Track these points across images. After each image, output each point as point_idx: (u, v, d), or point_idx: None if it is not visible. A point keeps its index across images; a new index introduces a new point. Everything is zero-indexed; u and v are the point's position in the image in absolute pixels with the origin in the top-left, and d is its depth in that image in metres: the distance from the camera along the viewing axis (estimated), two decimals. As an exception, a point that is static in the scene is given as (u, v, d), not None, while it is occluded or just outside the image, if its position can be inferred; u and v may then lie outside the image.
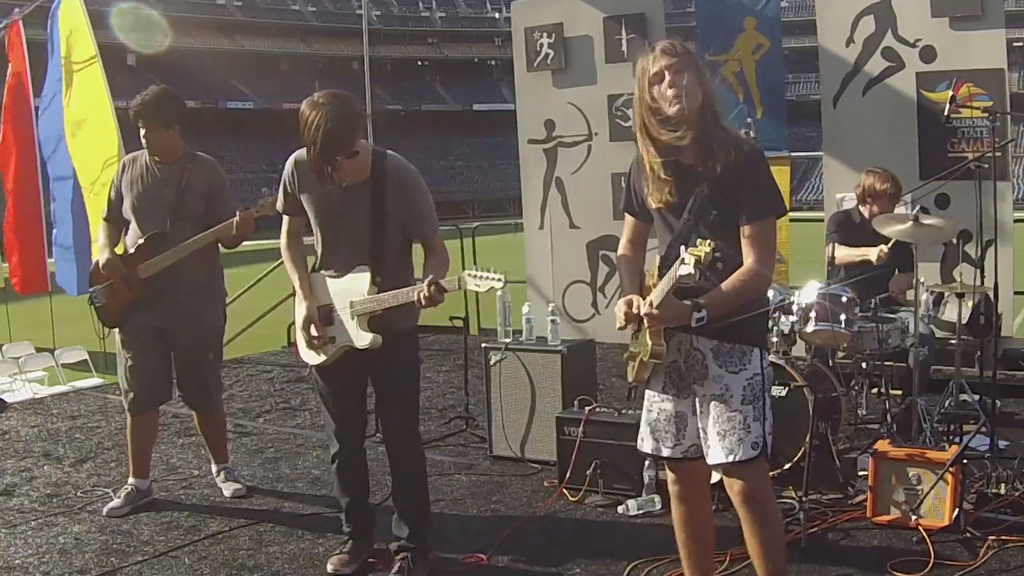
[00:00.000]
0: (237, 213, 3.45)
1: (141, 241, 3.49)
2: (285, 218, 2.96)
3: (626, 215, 2.43)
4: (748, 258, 2.16)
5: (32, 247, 6.95)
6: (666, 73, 2.12)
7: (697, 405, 2.28)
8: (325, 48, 50.33)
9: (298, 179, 2.82)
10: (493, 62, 53.99)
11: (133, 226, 3.55)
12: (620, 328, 2.28)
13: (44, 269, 7.14)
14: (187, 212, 3.49)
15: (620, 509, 3.41)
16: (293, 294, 2.97)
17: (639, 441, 2.41)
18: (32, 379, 6.41)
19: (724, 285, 2.14)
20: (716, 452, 2.22)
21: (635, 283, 2.36)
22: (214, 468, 3.88)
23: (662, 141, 2.15)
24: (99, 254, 3.60)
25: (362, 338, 2.79)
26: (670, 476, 2.40)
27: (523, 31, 6.82)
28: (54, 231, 6.75)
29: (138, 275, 3.49)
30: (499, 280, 2.57)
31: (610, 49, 6.49)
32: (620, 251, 2.45)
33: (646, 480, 3.47)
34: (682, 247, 2.06)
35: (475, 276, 2.60)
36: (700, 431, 2.27)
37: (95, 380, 6.46)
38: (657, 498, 3.42)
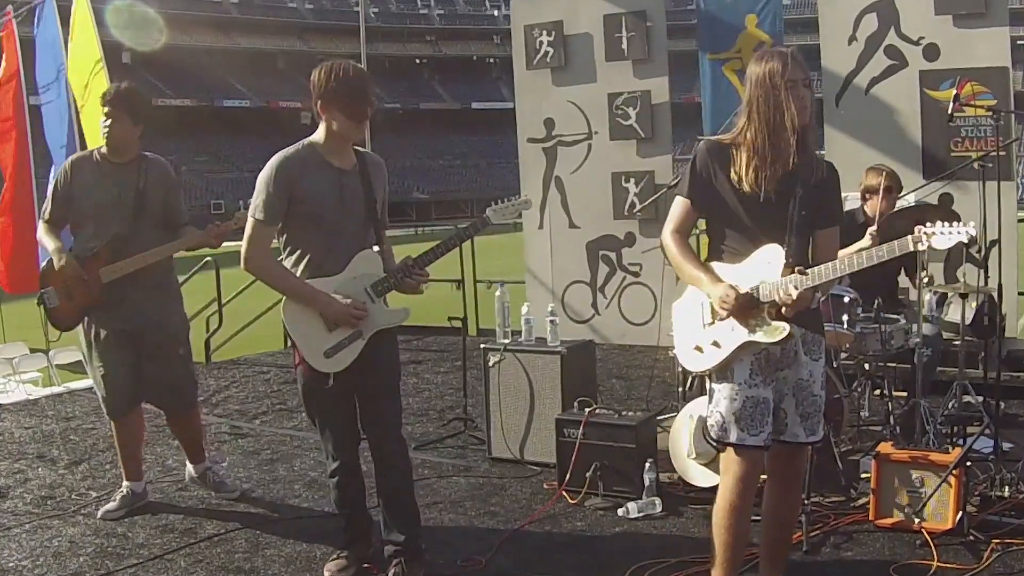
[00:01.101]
0: (214, 225, 3.50)
1: (101, 244, 3.40)
2: (262, 233, 2.71)
3: (682, 201, 2.44)
4: (830, 257, 2.38)
5: (25, 247, 6.92)
6: (801, 84, 2.31)
7: (779, 388, 2.41)
8: (322, 46, 50.15)
9: (294, 174, 2.70)
10: (492, 60, 53.92)
11: (90, 228, 3.44)
12: (726, 315, 2.33)
13: (36, 269, 7.12)
14: (146, 214, 3.44)
15: (620, 512, 3.39)
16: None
17: (719, 432, 2.40)
18: (26, 380, 6.38)
19: (833, 264, 2.30)
20: (795, 431, 2.42)
21: (710, 270, 2.39)
22: (193, 469, 3.76)
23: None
24: (54, 255, 3.44)
25: (395, 314, 2.84)
26: (734, 465, 2.39)
27: (522, 29, 6.79)
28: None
29: (99, 278, 3.39)
30: (526, 201, 2.86)
31: (610, 47, 6.46)
32: (671, 240, 2.45)
33: (646, 482, 3.45)
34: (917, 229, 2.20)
35: (498, 209, 2.85)
36: (780, 411, 2.41)
37: (90, 381, 6.41)
38: (658, 500, 3.41)
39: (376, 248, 2.85)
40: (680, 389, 4.17)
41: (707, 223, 2.49)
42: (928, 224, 2.18)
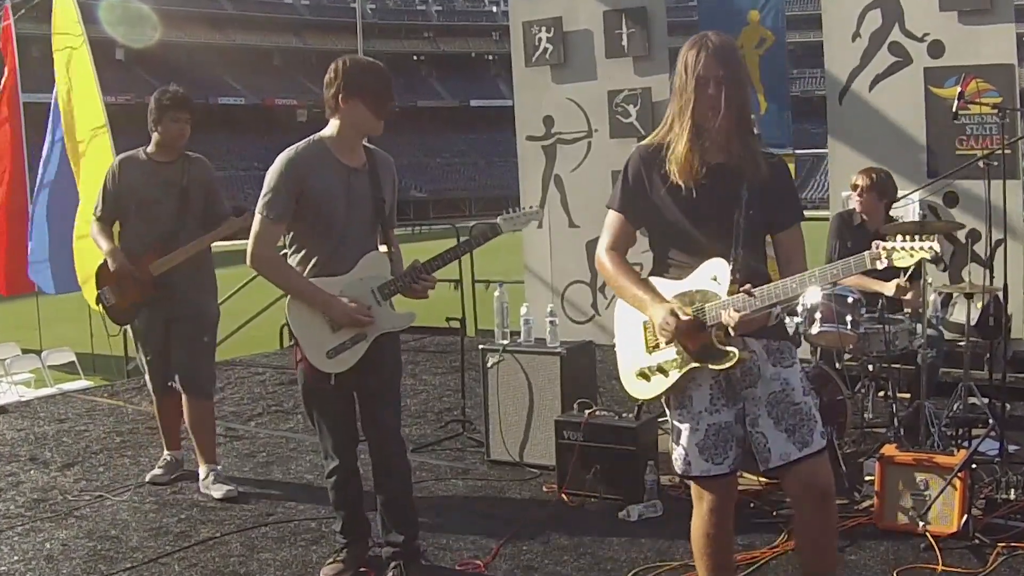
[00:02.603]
0: (248, 214, 3.57)
1: (150, 241, 3.65)
2: (269, 230, 2.68)
3: (615, 215, 2.26)
4: (797, 259, 2.20)
5: (18, 247, 6.91)
6: (712, 81, 2.11)
7: (750, 410, 2.20)
8: (318, 42, 50.05)
9: (303, 172, 2.67)
10: (490, 57, 53.79)
11: (136, 225, 3.68)
12: (668, 342, 2.14)
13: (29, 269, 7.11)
14: (190, 211, 3.68)
15: (620, 515, 3.36)
16: (285, 295, 2.86)
17: (683, 466, 2.25)
18: (18, 381, 6.35)
19: (785, 282, 2.08)
20: (784, 449, 2.16)
21: (652, 290, 2.19)
22: (202, 470, 3.84)
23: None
24: (108, 257, 3.65)
25: (401, 317, 2.83)
26: (704, 494, 2.25)
27: (521, 25, 6.73)
28: (30, 243, 6.76)
29: (149, 273, 3.64)
30: (537, 212, 2.83)
31: (610, 44, 6.41)
32: (607, 259, 2.26)
33: (647, 485, 3.42)
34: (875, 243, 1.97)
35: (509, 218, 2.81)
36: (756, 435, 2.19)
37: (83, 382, 6.43)
38: (658, 503, 3.39)
39: (383, 249, 2.83)
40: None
41: (649, 236, 2.28)
42: (888, 239, 1.94)
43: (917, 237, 1.92)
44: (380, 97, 2.68)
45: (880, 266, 1.95)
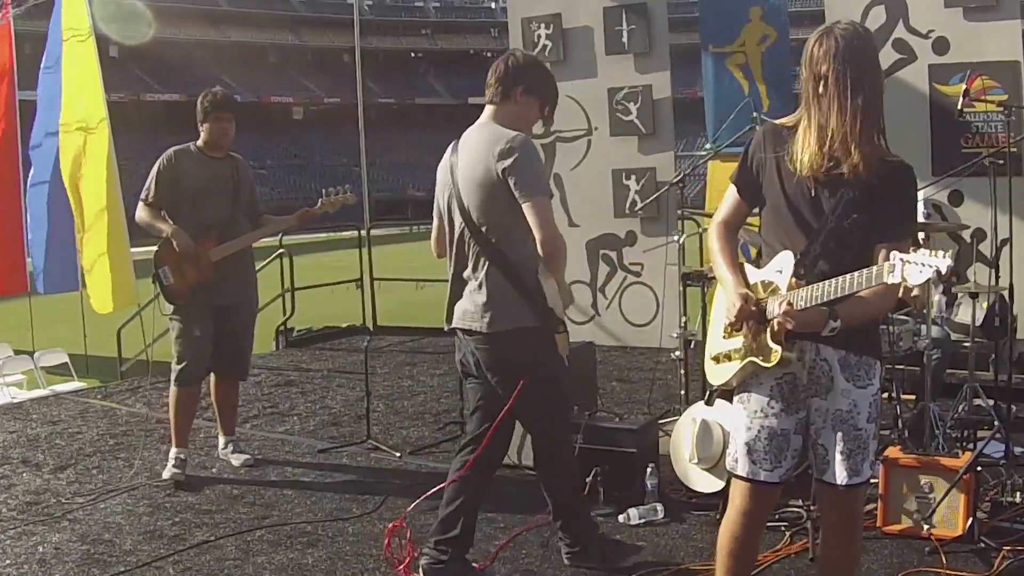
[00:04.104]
0: (306, 208, 4.03)
1: (205, 227, 3.81)
2: (551, 209, 2.70)
3: (732, 189, 2.22)
4: None
5: (11, 247, 6.87)
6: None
7: (816, 420, 2.11)
8: (315, 39, 49.92)
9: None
10: (489, 54, 53.41)
11: (189, 213, 3.82)
12: (731, 325, 2.10)
13: (23, 269, 7.07)
14: (240, 203, 3.93)
15: (621, 518, 3.32)
16: (283, 294, 2.84)
17: (731, 462, 2.20)
18: (10, 383, 6.31)
19: (864, 295, 1.98)
20: (837, 472, 2.09)
21: (739, 273, 2.15)
22: (223, 440, 4.16)
23: None
24: (174, 237, 3.77)
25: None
26: (741, 495, 2.18)
27: (520, 22, 6.70)
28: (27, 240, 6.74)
29: (209, 258, 3.80)
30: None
31: (610, 40, 6.37)
32: (713, 232, 2.23)
33: (648, 488, 3.38)
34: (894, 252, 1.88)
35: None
36: (819, 447, 2.11)
37: (76, 384, 6.38)
38: (659, 506, 3.35)
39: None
40: (682, 392, 4.09)
41: (761, 217, 2.22)
42: (912, 250, 1.83)
43: (934, 252, 1.81)
44: (552, 100, 2.94)
45: (894, 279, 1.85)
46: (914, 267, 1.82)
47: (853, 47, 2.01)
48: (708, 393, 3.36)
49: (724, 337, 2.18)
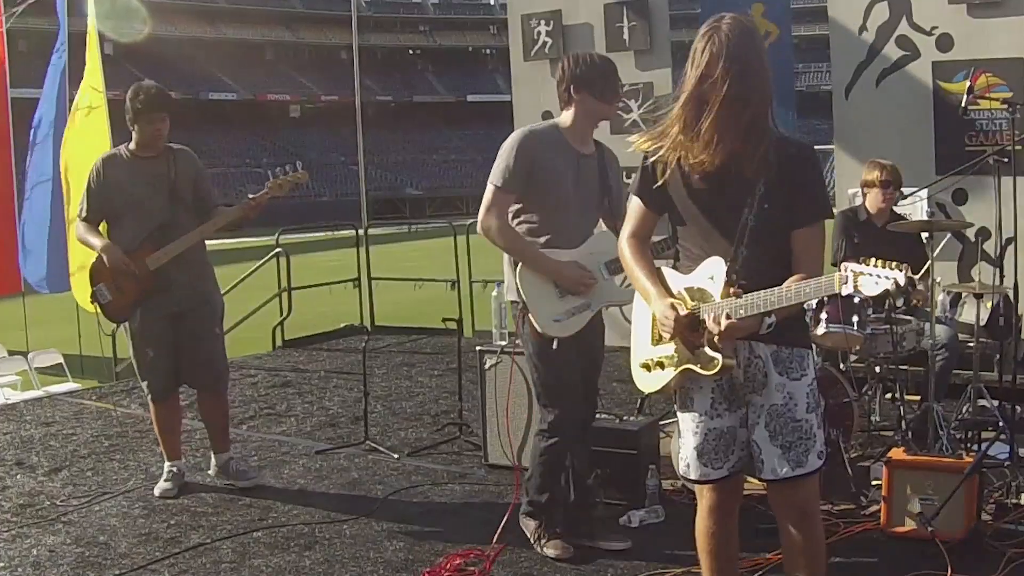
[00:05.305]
0: (248, 199, 3.70)
1: (142, 237, 3.59)
2: (501, 199, 2.92)
3: (635, 200, 2.21)
4: (804, 262, 2.06)
5: (5, 247, 6.82)
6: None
7: (751, 416, 2.14)
8: (312, 36, 49.68)
9: (535, 149, 2.95)
10: (488, 51, 53.32)
11: (127, 223, 3.62)
12: (669, 339, 2.09)
13: (17, 269, 7.03)
14: (180, 203, 3.64)
15: (622, 520, 3.30)
16: (279, 294, 2.82)
17: (683, 468, 2.23)
18: (4, 384, 6.25)
19: (764, 294, 1.98)
20: (776, 466, 2.10)
21: (659, 283, 2.15)
22: (214, 460, 3.90)
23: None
24: (104, 252, 3.58)
25: (624, 292, 2.93)
26: (704, 493, 2.22)
27: (520, 18, 6.65)
28: (23, 239, 6.70)
29: (146, 268, 3.58)
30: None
31: (611, 38, 6.32)
32: (625, 245, 2.22)
33: (649, 490, 3.36)
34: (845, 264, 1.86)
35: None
36: (752, 444, 2.13)
37: (70, 385, 6.33)
38: (660, 508, 3.33)
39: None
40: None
41: (669, 223, 2.22)
42: (862, 262, 1.82)
43: (888, 265, 1.80)
44: (607, 85, 2.99)
45: (847, 291, 1.84)
46: (868, 278, 1.82)
47: (740, 44, 2.00)
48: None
49: (652, 344, 2.18)
